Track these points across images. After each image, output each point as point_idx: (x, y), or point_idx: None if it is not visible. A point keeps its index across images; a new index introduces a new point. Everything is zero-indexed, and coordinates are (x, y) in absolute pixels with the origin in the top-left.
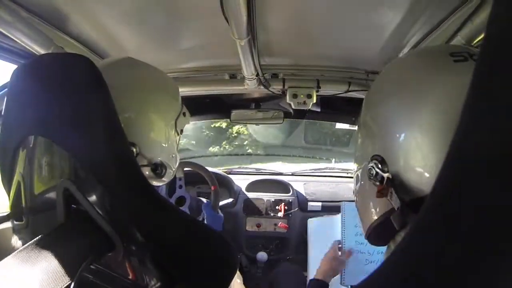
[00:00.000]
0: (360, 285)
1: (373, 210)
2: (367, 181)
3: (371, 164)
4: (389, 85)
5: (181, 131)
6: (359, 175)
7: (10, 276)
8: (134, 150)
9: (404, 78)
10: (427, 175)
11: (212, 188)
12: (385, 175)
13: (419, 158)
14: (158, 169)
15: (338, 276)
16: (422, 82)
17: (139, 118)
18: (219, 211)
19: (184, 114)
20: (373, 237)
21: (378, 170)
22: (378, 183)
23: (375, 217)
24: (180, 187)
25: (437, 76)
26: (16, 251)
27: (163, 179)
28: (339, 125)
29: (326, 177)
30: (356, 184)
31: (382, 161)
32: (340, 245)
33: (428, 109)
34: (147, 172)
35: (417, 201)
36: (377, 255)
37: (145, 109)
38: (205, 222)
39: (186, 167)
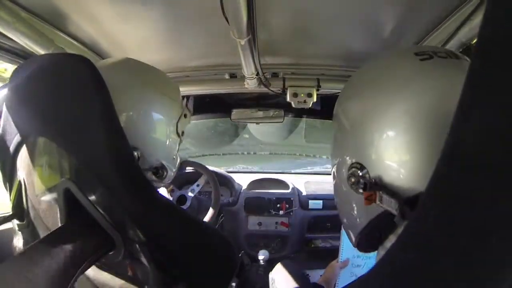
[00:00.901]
0: (349, 285)
1: (360, 215)
2: (348, 188)
3: (350, 172)
4: (363, 84)
5: (183, 132)
6: (335, 172)
7: (14, 277)
8: (136, 154)
9: (378, 77)
10: (408, 174)
11: (214, 193)
12: (368, 179)
13: (398, 157)
14: (159, 172)
15: None
16: (394, 82)
17: (139, 121)
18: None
19: (185, 115)
20: (362, 245)
21: (359, 178)
22: (361, 190)
23: (363, 224)
24: (192, 191)
25: (407, 75)
26: (19, 252)
27: (164, 181)
28: None
29: (326, 175)
30: (334, 183)
31: (362, 168)
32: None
33: (403, 107)
34: (152, 177)
35: (408, 200)
36: None
37: (146, 111)
38: None
39: (190, 167)
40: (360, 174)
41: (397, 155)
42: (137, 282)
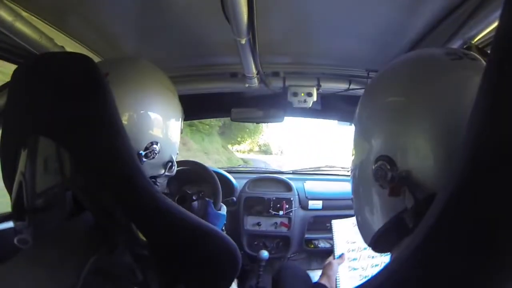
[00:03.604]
0: (363, 285)
1: (379, 214)
2: (372, 183)
3: (378, 164)
4: (394, 78)
5: (182, 131)
6: (357, 174)
7: (16, 277)
8: (157, 147)
9: (406, 75)
10: (436, 171)
11: (214, 194)
12: (397, 173)
13: (428, 155)
14: (169, 165)
15: None
16: (425, 80)
17: (160, 118)
18: (221, 208)
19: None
20: (378, 244)
21: (387, 171)
22: (388, 183)
23: (382, 222)
24: (193, 191)
25: (438, 71)
26: (20, 252)
27: (170, 175)
28: (341, 123)
29: (326, 175)
30: (353, 183)
31: (390, 161)
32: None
33: (432, 103)
34: (162, 170)
35: (428, 199)
36: (371, 268)
37: (166, 109)
38: (208, 220)
39: (186, 166)
40: (389, 167)
41: (425, 151)
42: (139, 282)
